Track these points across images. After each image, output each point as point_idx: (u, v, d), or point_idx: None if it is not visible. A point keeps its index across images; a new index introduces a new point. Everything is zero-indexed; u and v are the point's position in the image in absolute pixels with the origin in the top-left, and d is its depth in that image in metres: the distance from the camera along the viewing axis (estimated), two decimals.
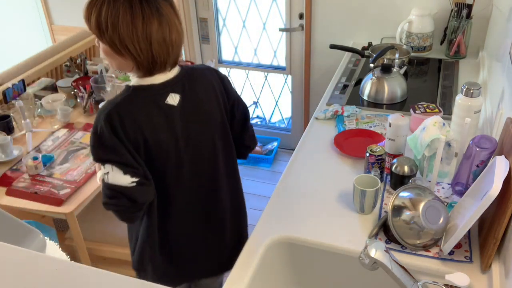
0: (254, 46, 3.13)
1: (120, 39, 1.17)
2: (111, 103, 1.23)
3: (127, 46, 1.17)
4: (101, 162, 1.23)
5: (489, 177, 1.18)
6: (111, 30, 1.16)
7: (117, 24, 1.15)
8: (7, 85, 2.36)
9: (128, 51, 1.18)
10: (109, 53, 1.22)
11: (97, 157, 1.24)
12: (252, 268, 1.24)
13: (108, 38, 1.17)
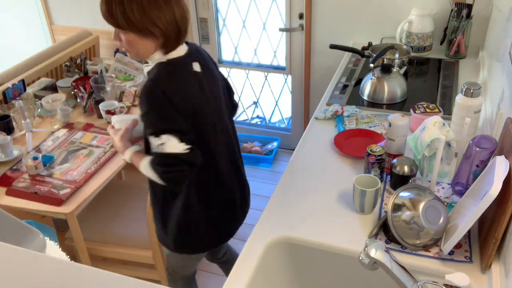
0: (254, 46, 3.13)
1: (150, 22, 1.28)
2: (157, 79, 1.35)
3: (157, 25, 1.29)
4: (156, 135, 1.34)
5: (489, 177, 1.18)
6: (140, 16, 1.27)
7: (144, 9, 1.26)
8: (7, 85, 2.36)
9: (159, 29, 1.30)
10: (135, 40, 1.32)
11: (155, 129, 1.34)
12: (252, 268, 1.24)
13: (138, 25, 1.28)
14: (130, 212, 2.20)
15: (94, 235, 2.10)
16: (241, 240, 2.58)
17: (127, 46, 1.36)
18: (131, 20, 1.28)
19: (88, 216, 2.17)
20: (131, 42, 1.34)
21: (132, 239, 2.08)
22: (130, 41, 1.33)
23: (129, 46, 1.35)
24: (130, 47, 1.35)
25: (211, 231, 1.59)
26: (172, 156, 1.35)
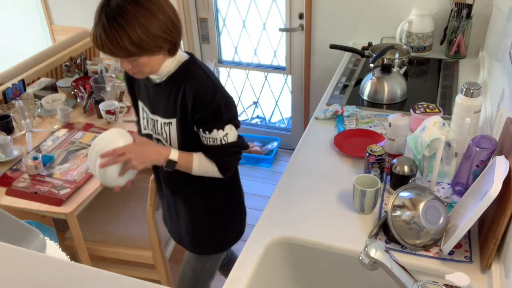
0: (254, 46, 3.13)
1: (157, 37, 1.25)
2: (206, 74, 1.37)
3: (163, 37, 1.27)
4: (221, 127, 1.36)
5: (489, 177, 1.18)
6: (146, 37, 1.23)
7: (147, 27, 1.23)
8: (7, 85, 2.36)
9: (166, 39, 1.28)
10: (148, 60, 1.29)
11: (221, 122, 1.36)
12: (252, 268, 1.24)
13: (148, 46, 1.25)
14: (130, 212, 2.20)
15: (94, 235, 2.10)
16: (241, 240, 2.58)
17: (140, 69, 1.32)
18: (140, 44, 1.24)
19: (88, 216, 2.17)
20: (144, 64, 1.30)
21: (132, 239, 2.08)
22: (143, 64, 1.30)
23: (142, 68, 1.31)
24: (144, 68, 1.32)
25: (240, 225, 1.67)
26: (234, 145, 1.40)
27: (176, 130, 1.41)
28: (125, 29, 1.21)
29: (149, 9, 1.23)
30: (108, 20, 1.21)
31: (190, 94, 1.33)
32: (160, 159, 1.40)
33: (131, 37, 1.22)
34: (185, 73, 1.37)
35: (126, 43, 1.22)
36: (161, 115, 1.42)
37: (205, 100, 1.34)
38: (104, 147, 1.34)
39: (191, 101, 1.33)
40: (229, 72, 3.31)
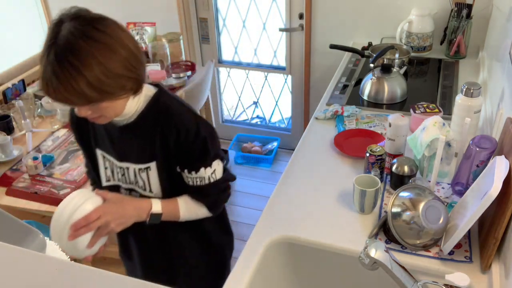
0: (254, 46, 3.13)
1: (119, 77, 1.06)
2: (186, 105, 1.25)
3: (126, 75, 1.08)
4: (209, 164, 1.24)
5: (489, 177, 1.18)
6: (107, 78, 1.04)
7: (107, 67, 1.03)
8: (7, 85, 2.36)
9: (129, 77, 1.09)
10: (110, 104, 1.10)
11: (208, 158, 1.23)
12: (252, 268, 1.24)
13: (110, 88, 1.06)
14: None
15: None
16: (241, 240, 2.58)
17: (101, 114, 1.12)
18: (100, 88, 1.03)
19: None
20: (106, 108, 1.10)
21: None
22: (105, 108, 1.10)
23: (104, 112, 1.11)
24: (106, 113, 1.12)
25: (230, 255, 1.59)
26: (222, 181, 1.28)
27: (157, 175, 1.24)
28: (81, 70, 1.00)
29: (106, 44, 1.03)
30: (58, 61, 1.00)
31: (172, 132, 1.18)
32: (142, 215, 1.21)
33: (89, 80, 1.01)
34: (159, 109, 1.20)
35: (83, 87, 1.01)
36: (134, 161, 1.24)
37: (189, 136, 1.19)
38: (71, 216, 1.11)
39: (174, 139, 1.19)
40: (229, 72, 3.31)
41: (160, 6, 3.00)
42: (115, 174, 1.29)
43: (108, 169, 1.30)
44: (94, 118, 1.13)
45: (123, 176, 1.28)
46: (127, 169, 1.26)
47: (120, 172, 1.28)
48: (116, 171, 1.28)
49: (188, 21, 3.02)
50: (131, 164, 1.25)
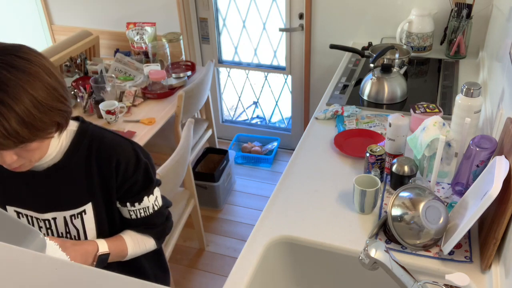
0: (254, 46, 3.13)
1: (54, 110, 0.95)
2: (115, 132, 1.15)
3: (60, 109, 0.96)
4: (151, 192, 1.17)
5: (489, 177, 1.18)
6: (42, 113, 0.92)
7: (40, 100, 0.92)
8: None
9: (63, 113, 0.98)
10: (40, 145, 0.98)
11: (151, 187, 1.17)
12: (252, 268, 1.24)
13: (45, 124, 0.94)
14: None
15: None
16: (241, 240, 2.59)
17: (28, 159, 0.98)
18: (32, 124, 0.91)
19: None
20: (34, 151, 0.97)
21: None
22: (32, 150, 0.97)
23: (31, 156, 0.98)
24: (33, 156, 0.98)
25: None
26: (164, 207, 1.22)
27: (93, 218, 1.12)
28: (11, 106, 0.87)
29: (32, 73, 0.91)
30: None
31: (111, 164, 1.08)
32: (89, 259, 1.08)
33: (20, 116, 0.88)
34: (90, 141, 1.09)
35: (15, 125, 0.88)
36: (64, 208, 1.10)
37: (130, 166, 1.10)
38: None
39: (114, 172, 1.09)
40: (229, 72, 3.31)
41: (160, 6, 3.00)
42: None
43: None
44: (15, 166, 0.98)
45: (48, 230, 1.12)
46: (54, 220, 1.11)
47: (45, 226, 1.11)
48: (38, 226, 1.11)
49: (188, 21, 3.02)
50: (59, 213, 1.10)
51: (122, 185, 1.11)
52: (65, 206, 1.10)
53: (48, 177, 1.08)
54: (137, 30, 2.88)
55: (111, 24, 3.17)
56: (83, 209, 1.11)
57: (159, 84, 2.44)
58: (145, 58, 2.79)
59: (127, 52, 2.91)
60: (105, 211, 1.14)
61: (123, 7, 3.08)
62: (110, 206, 1.14)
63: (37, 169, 1.07)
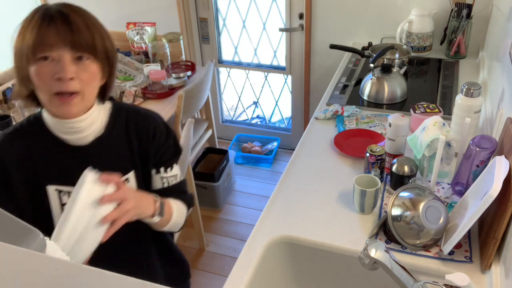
0: (254, 46, 3.13)
1: (109, 51, 1.06)
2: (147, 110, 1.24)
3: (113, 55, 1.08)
4: (178, 159, 1.25)
5: (489, 177, 1.18)
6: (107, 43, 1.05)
7: (107, 33, 1.04)
8: (7, 85, 2.36)
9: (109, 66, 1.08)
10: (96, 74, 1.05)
11: (175, 159, 1.24)
12: (252, 268, 1.24)
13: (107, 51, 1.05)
14: None
15: None
16: (241, 240, 2.59)
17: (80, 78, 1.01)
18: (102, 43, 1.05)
19: None
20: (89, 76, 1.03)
21: None
22: (89, 73, 1.03)
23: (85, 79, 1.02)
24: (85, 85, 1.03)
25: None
26: (184, 180, 1.27)
27: (135, 185, 1.18)
28: (89, 17, 1.03)
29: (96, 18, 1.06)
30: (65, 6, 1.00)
31: (148, 135, 1.16)
32: (150, 208, 1.09)
33: (100, 31, 1.02)
34: (126, 117, 1.16)
35: (95, 33, 1.01)
36: None
37: (162, 136, 1.19)
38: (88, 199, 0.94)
39: (151, 142, 1.16)
40: (229, 72, 3.31)
41: (160, 6, 3.00)
42: None
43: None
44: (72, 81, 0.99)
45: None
46: None
47: None
48: None
49: (188, 21, 3.02)
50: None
51: (156, 153, 1.18)
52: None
53: (93, 149, 1.11)
54: (137, 30, 2.88)
55: (111, 24, 3.15)
56: (126, 177, 1.16)
57: (159, 84, 2.44)
58: (145, 58, 2.79)
59: (127, 52, 2.91)
60: (144, 179, 1.19)
61: (123, 7, 3.08)
62: (148, 174, 1.19)
63: (82, 142, 1.10)
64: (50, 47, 0.96)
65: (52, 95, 1.00)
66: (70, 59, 0.98)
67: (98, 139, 1.12)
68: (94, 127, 1.10)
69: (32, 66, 0.99)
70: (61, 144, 1.09)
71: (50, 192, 1.10)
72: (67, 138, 1.09)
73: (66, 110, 1.02)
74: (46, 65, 0.98)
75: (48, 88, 0.99)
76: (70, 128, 1.07)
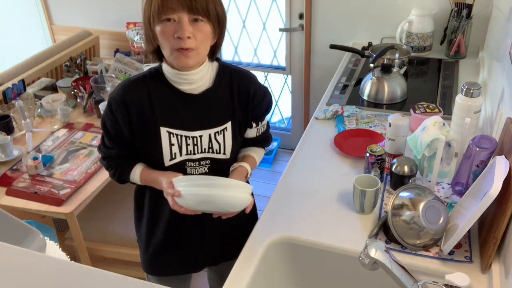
0: (254, 46, 3.13)
1: (221, 17, 1.22)
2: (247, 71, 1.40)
3: (223, 23, 1.24)
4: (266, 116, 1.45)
5: (489, 177, 1.18)
6: (221, 9, 1.21)
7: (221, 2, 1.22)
8: (7, 85, 2.36)
9: (218, 32, 1.24)
10: (209, 35, 1.21)
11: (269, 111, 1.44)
12: (252, 268, 1.24)
13: (219, 16, 1.21)
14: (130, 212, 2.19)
15: (94, 235, 2.10)
16: None
17: (195, 38, 1.18)
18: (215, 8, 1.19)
19: (88, 216, 2.17)
20: (203, 36, 1.19)
21: (132, 239, 2.08)
22: (203, 34, 1.19)
23: (200, 39, 1.19)
24: (199, 44, 1.20)
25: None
26: (268, 124, 1.48)
27: (231, 133, 1.33)
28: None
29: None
30: None
31: (249, 91, 1.32)
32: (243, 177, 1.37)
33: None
34: (231, 74, 1.33)
35: (209, 1, 1.17)
36: (211, 126, 1.30)
37: (261, 94, 1.35)
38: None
39: (251, 98, 1.33)
40: None
41: None
42: (184, 148, 1.29)
43: (175, 145, 1.28)
44: (188, 36, 1.16)
45: (195, 146, 1.30)
46: (200, 137, 1.30)
47: (192, 143, 1.30)
48: (186, 144, 1.29)
49: None
50: (205, 131, 1.30)
51: (253, 109, 1.35)
52: (212, 124, 1.30)
53: (202, 99, 1.28)
54: (137, 30, 2.88)
55: (111, 24, 3.17)
56: (225, 126, 1.32)
57: None
58: (145, 58, 2.79)
59: (127, 52, 2.91)
60: (238, 129, 1.35)
61: (123, 7, 3.08)
62: (242, 125, 1.36)
63: (194, 92, 1.27)
64: (172, 10, 1.14)
65: (173, 50, 1.18)
66: (188, 21, 1.16)
67: (207, 91, 1.29)
68: (204, 79, 1.27)
69: (157, 26, 1.17)
70: (176, 93, 1.27)
71: (162, 132, 1.28)
72: (181, 88, 1.26)
73: (184, 62, 1.20)
74: (168, 25, 1.16)
75: (171, 44, 1.17)
76: (185, 79, 1.24)
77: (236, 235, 1.43)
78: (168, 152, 1.28)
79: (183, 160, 1.30)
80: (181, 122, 1.28)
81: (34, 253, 0.63)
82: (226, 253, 1.50)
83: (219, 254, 1.49)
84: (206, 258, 1.52)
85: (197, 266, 1.55)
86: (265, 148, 1.51)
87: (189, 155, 1.30)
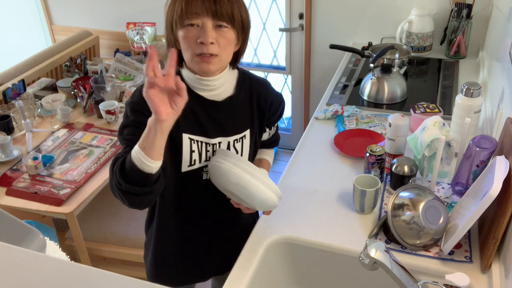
0: (254, 46, 3.13)
1: (245, 24, 1.20)
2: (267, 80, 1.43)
3: (247, 29, 1.22)
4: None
5: (489, 177, 1.18)
6: (245, 16, 1.19)
7: (246, 8, 1.21)
8: (7, 85, 2.36)
9: (242, 39, 1.22)
10: (232, 41, 1.19)
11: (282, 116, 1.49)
12: (252, 268, 1.24)
13: (243, 22, 1.19)
14: (130, 212, 2.20)
15: (94, 235, 2.10)
16: None
17: (218, 44, 1.15)
18: (241, 16, 1.18)
19: (88, 216, 2.17)
20: (226, 42, 1.17)
21: (132, 239, 2.08)
22: (227, 40, 1.16)
23: (223, 45, 1.16)
24: (222, 50, 1.17)
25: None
26: (277, 126, 1.55)
27: (249, 141, 1.33)
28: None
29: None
30: None
31: (267, 100, 1.33)
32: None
33: (238, 4, 1.16)
34: (250, 82, 1.32)
35: (234, 7, 1.14)
36: (230, 133, 1.28)
37: (277, 102, 1.37)
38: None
39: (268, 106, 1.35)
40: None
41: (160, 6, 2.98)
42: (204, 155, 1.27)
43: (196, 152, 1.26)
44: (211, 42, 1.14)
45: (214, 153, 1.30)
46: (219, 144, 1.29)
47: (212, 150, 1.29)
48: (205, 151, 1.27)
49: None
50: (225, 138, 1.28)
51: (271, 116, 1.39)
52: (231, 132, 1.29)
53: (224, 106, 1.27)
54: (137, 30, 2.88)
55: (111, 24, 3.16)
56: (244, 134, 1.32)
57: None
58: (145, 58, 2.79)
59: (127, 52, 2.91)
60: (255, 136, 1.36)
61: (123, 7, 3.08)
62: (259, 132, 1.38)
63: (217, 99, 1.26)
64: (196, 15, 1.12)
65: (195, 55, 1.16)
66: (211, 26, 1.14)
67: (229, 98, 1.27)
68: (225, 86, 1.26)
69: (180, 30, 1.16)
70: (198, 99, 1.23)
71: (184, 139, 1.24)
72: (203, 94, 1.24)
73: (206, 68, 1.17)
74: (191, 30, 1.14)
75: (193, 49, 1.15)
76: (206, 85, 1.22)
77: (243, 244, 1.40)
78: (188, 158, 1.25)
79: (201, 166, 1.28)
80: (202, 129, 1.25)
81: (34, 253, 0.63)
82: (233, 263, 1.47)
83: (226, 264, 1.43)
84: (213, 269, 1.51)
85: (203, 277, 1.53)
86: (276, 146, 1.57)
87: (207, 162, 1.28)
